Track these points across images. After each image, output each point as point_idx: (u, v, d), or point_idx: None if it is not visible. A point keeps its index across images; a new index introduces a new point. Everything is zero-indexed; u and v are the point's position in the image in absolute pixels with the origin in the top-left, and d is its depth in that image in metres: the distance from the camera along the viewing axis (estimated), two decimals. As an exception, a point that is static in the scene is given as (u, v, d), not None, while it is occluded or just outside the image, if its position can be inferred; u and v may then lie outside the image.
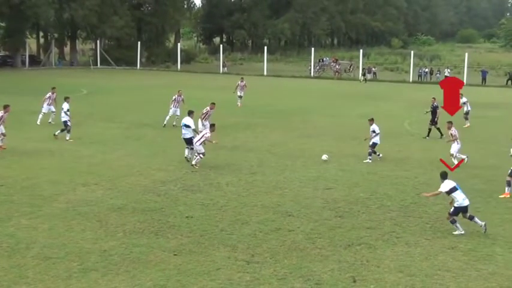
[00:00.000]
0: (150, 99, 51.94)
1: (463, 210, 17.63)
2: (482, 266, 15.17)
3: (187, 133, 26.73)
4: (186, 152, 26.69)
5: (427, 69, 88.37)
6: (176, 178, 23.37)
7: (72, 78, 70.07)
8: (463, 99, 40.87)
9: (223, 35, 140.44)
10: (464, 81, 77.99)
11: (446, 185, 17.86)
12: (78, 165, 25.36)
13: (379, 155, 28.03)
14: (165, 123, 35.68)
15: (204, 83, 67.84)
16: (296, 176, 24.46)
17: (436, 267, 14.98)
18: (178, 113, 35.88)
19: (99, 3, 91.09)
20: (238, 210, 19.36)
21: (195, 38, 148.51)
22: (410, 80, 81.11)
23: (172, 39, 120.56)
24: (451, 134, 27.63)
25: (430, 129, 34.78)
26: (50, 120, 36.24)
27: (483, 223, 17.68)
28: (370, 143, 27.85)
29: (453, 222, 17.63)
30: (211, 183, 22.74)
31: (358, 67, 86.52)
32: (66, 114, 31.28)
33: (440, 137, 33.82)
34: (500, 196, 21.93)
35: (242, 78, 50.60)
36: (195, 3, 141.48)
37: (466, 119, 40.03)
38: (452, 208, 17.72)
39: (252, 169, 25.41)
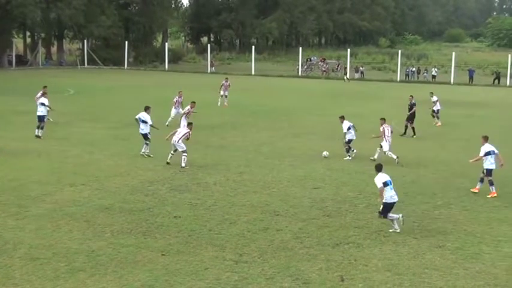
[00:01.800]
0: (137, 99, 51.79)
1: (389, 207, 17.44)
2: (470, 264, 15.22)
3: (144, 128, 27.41)
4: (143, 148, 27.33)
5: (414, 69, 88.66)
6: (164, 178, 23.33)
7: (59, 78, 69.80)
8: (434, 98, 40.96)
9: (211, 35, 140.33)
10: (452, 81, 78.51)
11: (380, 178, 17.67)
12: (66, 166, 25.28)
13: (353, 150, 28.19)
14: (167, 123, 35.63)
15: (191, 83, 67.73)
16: (284, 175, 24.47)
17: (424, 265, 15.02)
18: (181, 111, 35.90)
19: (86, 3, 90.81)
20: (226, 209, 19.35)
21: (183, 38, 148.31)
22: (398, 79, 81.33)
23: (159, 38, 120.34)
24: (380, 131, 27.73)
25: (406, 127, 35.04)
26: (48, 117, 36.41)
27: (399, 215, 17.56)
28: (346, 139, 27.97)
29: (389, 218, 17.48)
30: (199, 183, 22.72)
31: (345, 66, 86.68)
32: (44, 107, 31.59)
33: (412, 136, 34.46)
34: (488, 196, 22.03)
35: (227, 78, 50.68)
36: (182, 3, 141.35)
37: (437, 117, 40.20)
38: (381, 206, 17.56)
39: (239, 168, 25.40)
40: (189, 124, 26.83)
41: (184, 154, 25.33)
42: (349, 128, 27.96)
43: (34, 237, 16.36)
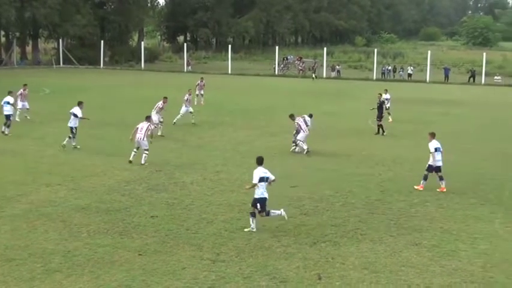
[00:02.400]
0: (113, 98, 51.63)
1: (260, 202, 17.30)
2: (446, 261, 15.31)
3: (72, 122, 28.65)
4: (65, 141, 28.43)
5: (390, 67, 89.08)
6: (140, 178, 23.24)
7: (35, 78, 69.15)
8: (387, 96, 41.24)
9: (187, 34, 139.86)
10: (427, 79, 78.99)
11: (258, 173, 17.46)
12: (41, 166, 25.10)
13: (296, 146, 28.92)
14: (175, 121, 36.16)
15: (168, 82, 67.47)
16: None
17: (401, 263, 15.09)
18: (191, 109, 37.28)
19: (61, 2, 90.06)
20: (204, 209, 19.32)
21: (159, 37, 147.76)
22: (374, 77, 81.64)
23: (135, 38, 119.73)
24: (296, 126, 28.84)
25: (378, 126, 35.17)
26: (26, 116, 37.42)
27: (281, 210, 17.52)
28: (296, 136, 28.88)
29: (252, 215, 17.32)
30: (176, 182, 22.66)
31: (314, 66, 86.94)
32: (10, 106, 32.03)
33: (382, 134, 34.82)
34: (415, 187, 22.52)
35: (202, 78, 50.78)
36: (158, 2, 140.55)
37: (389, 113, 40.43)
38: (253, 198, 17.45)
39: (217, 168, 25.37)
40: (147, 118, 26.69)
41: (146, 152, 25.43)
42: (300, 126, 28.75)
43: (10, 238, 16.22)
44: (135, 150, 25.66)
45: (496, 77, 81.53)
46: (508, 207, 20.43)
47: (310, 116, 30.15)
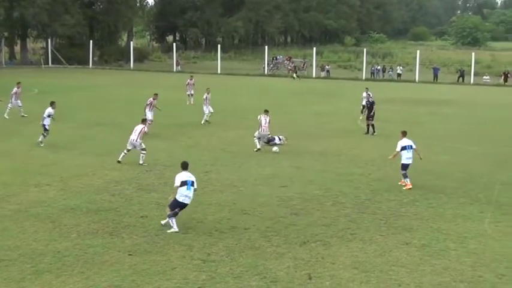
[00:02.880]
0: (102, 98, 51.52)
1: (181, 206, 17.18)
2: (436, 261, 15.35)
3: (44, 120, 29.04)
4: (41, 137, 28.84)
5: (379, 67, 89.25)
6: (130, 178, 23.19)
7: (24, 78, 68.79)
8: (366, 94, 41.56)
9: (177, 34, 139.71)
10: (417, 79, 79.17)
11: (180, 177, 17.34)
12: (30, 166, 25.01)
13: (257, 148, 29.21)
14: (203, 122, 37.50)
15: (157, 82, 67.41)
16: (251, 174, 24.47)
17: (391, 262, 15.12)
18: (211, 109, 38.27)
19: (50, 2, 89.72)
20: (194, 209, 19.25)
21: (148, 37, 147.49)
22: (363, 77, 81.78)
23: (125, 37, 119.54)
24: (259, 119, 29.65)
25: (368, 125, 35.24)
26: (22, 114, 38.26)
27: (174, 226, 17.02)
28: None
29: (171, 216, 17.08)
30: (166, 182, 22.57)
31: (295, 65, 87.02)
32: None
33: (372, 134, 34.86)
34: (399, 183, 22.88)
35: (191, 76, 50.85)
36: (147, 2, 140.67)
37: (362, 112, 40.74)
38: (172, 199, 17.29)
39: (206, 168, 25.34)
40: (143, 121, 27.10)
41: (143, 152, 25.44)
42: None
43: (-1, 238, 16.17)
44: (125, 151, 25.59)
45: (484, 77, 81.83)
46: (497, 207, 20.50)
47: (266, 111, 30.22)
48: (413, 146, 23.01)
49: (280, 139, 31.29)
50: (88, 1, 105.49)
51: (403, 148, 22.86)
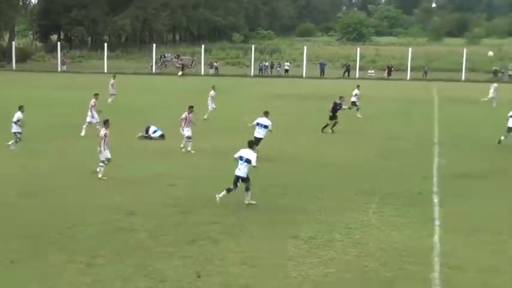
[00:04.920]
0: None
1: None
2: (322, 252, 15.60)
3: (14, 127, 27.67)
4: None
5: (267, 63, 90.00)
6: (12, 182, 22.42)
7: None
8: (356, 91, 43.59)
9: (61, 32, 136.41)
10: (304, 74, 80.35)
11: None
12: None
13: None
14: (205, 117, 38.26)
15: (42, 82, 65.58)
16: (138, 173, 24.14)
17: (279, 256, 15.25)
18: (214, 105, 40.36)
19: None
20: (78, 212, 18.84)
21: (31, 36, 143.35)
22: (252, 74, 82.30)
23: (6, 37, 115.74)
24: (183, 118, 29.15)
25: (327, 125, 35.36)
26: None
27: None
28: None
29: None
30: (48, 188, 21.91)
31: (183, 63, 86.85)
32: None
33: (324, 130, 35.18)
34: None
35: (114, 75, 50.93)
36: (30, 0, 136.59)
37: (357, 109, 42.28)
38: None
39: (91, 169, 24.77)
40: (105, 122, 24.25)
41: (102, 164, 23.36)
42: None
43: None
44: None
45: (369, 71, 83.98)
46: (382, 197, 21.03)
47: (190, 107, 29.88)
48: (269, 127, 26.86)
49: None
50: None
51: (257, 124, 26.90)
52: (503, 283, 14.01)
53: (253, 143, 20.90)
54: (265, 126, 27.08)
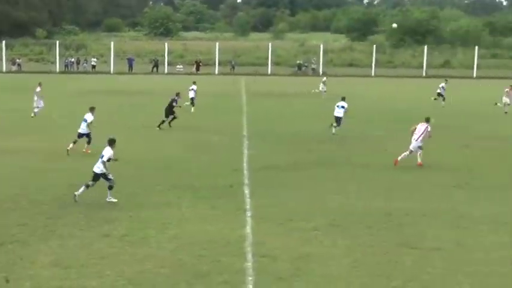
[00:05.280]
0: None
1: None
2: (137, 249, 15.45)
3: None
4: None
5: (73, 59, 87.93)
6: None
7: None
8: (193, 87, 44.24)
9: None
10: (112, 70, 79.26)
11: None
12: None
13: None
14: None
15: None
16: None
17: (92, 255, 14.92)
18: (42, 103, 39.17)
19: None
20: None
21: None
22: (57, 70, 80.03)
23: None
24: None
25: (164, 121, 35.00)
26: None
27: None
28: None
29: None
30: None
31: (1, 59, 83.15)
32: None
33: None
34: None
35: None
36: None
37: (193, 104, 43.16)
38: None
39: None
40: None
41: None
42: None
43: None
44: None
45: (178, 66, 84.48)
46: (194, 191, 21.19)
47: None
48: (88, 120, 27.29)
49: None
50: None
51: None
52: (314, 270, 14.54)
53: (113, 141, 20.18)
54: (85, 120, 27.51)
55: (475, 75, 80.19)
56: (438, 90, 49.50)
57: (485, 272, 14.37)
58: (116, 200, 19.62)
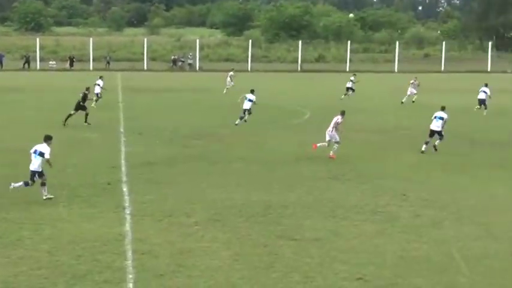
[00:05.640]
0: None
1: None
2: (11, 251, 14.93)
3: None
4: None
5: None
6: None
7: None
8: (99, 81, 43.58)
9: None
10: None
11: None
12: None
13: None
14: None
15: None
16: None
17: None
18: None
19: None
20: None
21: None
22: None
23: None
24: None
25: (71, 115, 33.95)
26: None
27: None
28: None
29: None
30: None
31: None
32: None
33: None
34: None
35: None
36: None
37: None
38: None
39: None
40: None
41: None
42: None
43: None
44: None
45: (50, 62, 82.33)
46: (70, 190, 20.66)
47: None
48: None
49: None
50: None
51: None
52: (194, 264, 14.49)
53: (49, 138, 19.62)
54: None
55: (348, 69, 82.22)
56: (347, 85, 50.32)
57: (361, 260, 14.80)
58: (52, 196, 19.26)
